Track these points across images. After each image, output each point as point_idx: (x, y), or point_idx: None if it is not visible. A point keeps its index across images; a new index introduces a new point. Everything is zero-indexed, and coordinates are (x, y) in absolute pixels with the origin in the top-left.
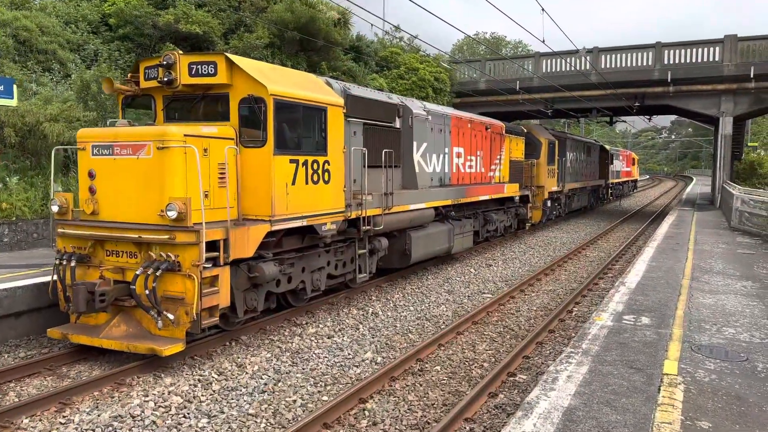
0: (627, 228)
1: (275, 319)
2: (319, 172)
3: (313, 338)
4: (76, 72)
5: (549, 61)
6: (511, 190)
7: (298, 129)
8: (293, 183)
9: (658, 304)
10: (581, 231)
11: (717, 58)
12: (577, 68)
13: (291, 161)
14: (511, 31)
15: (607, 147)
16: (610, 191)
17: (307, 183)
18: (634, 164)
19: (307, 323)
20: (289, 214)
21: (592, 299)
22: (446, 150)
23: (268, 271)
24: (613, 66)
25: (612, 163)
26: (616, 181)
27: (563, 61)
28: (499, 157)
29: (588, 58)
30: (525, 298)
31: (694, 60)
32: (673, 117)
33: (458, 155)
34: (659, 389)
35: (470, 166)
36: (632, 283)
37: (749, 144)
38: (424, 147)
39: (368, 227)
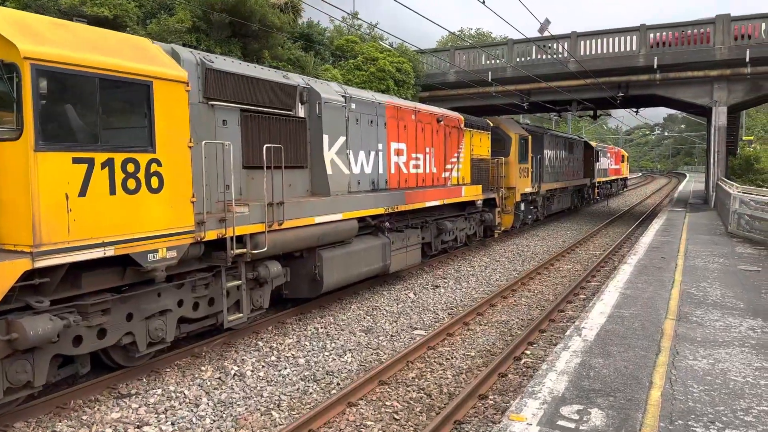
0: (612, 232)
1: (93, 388)
2: (140, 176)
3: (111, 429)
4: None
5: (523, 48)
6: (471, 193)
7: (94, 113)
8: (82, 194)
9: (623, 376)
10: (559, 237)
11: (708, 41)
12: (553, 55)
13: (77, 161)
14: (497, 26)
15: (593, 143)
16: (596, 191)
17: (113, 193)
18: (623, 161)
19: (136, 394)
20: (74, 240)
21: (553, 335)
22: (380, 146)
23: (35, 329)
24: (593, 53)
25: (598, 161)
26: (604, 179)
27: (539, 48)
28: (456, 154)
29: (567, 43)
30: (466, 336)
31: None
32: (665, 113)
33: (398, 153)
34: None
35: (416, 166)
36: (592, 330)
37: (744, 138)
38: (341, 142)
39: (242, 250)
